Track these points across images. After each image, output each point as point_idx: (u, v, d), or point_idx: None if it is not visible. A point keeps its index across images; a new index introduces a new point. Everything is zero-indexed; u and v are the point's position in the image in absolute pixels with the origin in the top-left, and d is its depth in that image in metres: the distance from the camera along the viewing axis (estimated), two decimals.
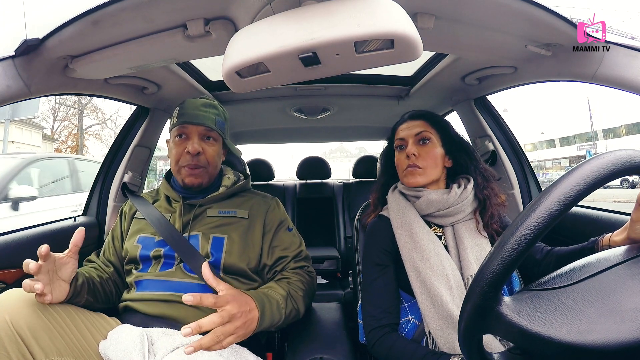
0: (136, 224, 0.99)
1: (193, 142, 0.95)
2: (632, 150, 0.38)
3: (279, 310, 0.80)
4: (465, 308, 0.40)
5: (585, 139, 24.75)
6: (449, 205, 0.87)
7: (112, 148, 1.49)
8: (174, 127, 0.96)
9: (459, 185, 0.90)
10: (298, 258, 0.98)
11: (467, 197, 0.88)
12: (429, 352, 0.73)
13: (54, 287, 0.73)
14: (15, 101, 0.81)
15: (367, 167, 2.42)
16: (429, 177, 0.90)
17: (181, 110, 0.96)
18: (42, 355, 0.64)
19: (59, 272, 0.75)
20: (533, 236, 0.36)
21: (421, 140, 0.92)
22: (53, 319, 0.69)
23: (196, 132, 0.96)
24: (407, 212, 0.89)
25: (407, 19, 0.58)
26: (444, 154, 0.93)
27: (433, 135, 0.92)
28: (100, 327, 0.78)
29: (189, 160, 0.95)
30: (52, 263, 0.73)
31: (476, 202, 0.90)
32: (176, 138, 0.96)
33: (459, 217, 0.88)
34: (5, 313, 0.65)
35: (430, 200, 0.87)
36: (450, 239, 0.87)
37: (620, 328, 0.35)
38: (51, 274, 0.73)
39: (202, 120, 0.95)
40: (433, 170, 0.91)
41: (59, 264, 0.74)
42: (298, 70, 0.67)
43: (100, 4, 0.69)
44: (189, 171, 0.96)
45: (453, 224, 0.88)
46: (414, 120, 0.95)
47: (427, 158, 0.90)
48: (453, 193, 0.87)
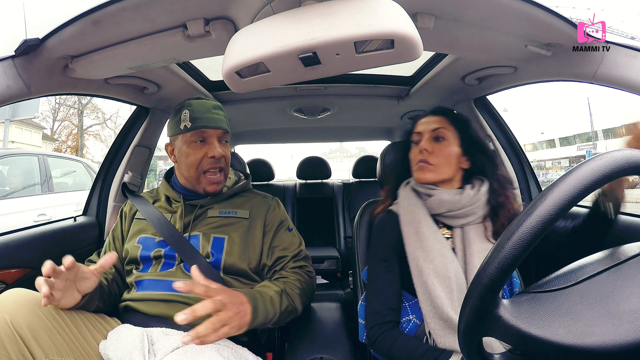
0: (137, 224, 0.99)
1: (215, 147, 0.94)
2: (629, 151, 0.37)
3: (272, 305, 0.80)
4: (464, 311, 0.40)
5: (585, 139, 24.72)
6: (460, 206, 0.85)
7: (112, 148, 1.49)
8: (189, 132, 0.93)
9: (472, 187, 0.88)
10: (297, 258, 0.98)
11: (480, 199, 0.86)
12: (430, 349, 0.73)
13: (66, 294, 0.73)
14: (15, 101, 0.81)
15: (367, 167, 2.42)
16: (440, 175, 0.89)
17: (194, 114, 0.93)
18: (42, 355, 0.64)
19: (78, 283, 0.75)
20: (530, 240, 0.36)
21: (436, 138, 0.90)
22: (53, 319, 0.69)
23: (215, 135, 0.95)
24: (416, 210, 0.88)
25: (407, 19, 0.58)
26: (461, 154, 0.90)
27: (450, 133, 0.90)
28: (100, 327, 0.78)
29: (212, 164, 0.94)
30: (74, 273, 0.74)
31: (488, 207, 0.88)
32: (194, 143, 0.94)
33: (470, 220, 0.86)
34: (5, 313, 0.65)
35: (442, 200, 0.86)
36: (458, 241, 0.85)
37: (618, 330, 0.35)
38: (68, 283, 0.74)
39: (219, 124, 0.95)
40: (445, 169, 0.88)
41: (81, 276, 0.75)
42: (298, 70, 0.67)
43: (100, 4, 0.69)
44: (211, 179, 0.95)
45: (463, 226, 0.86)
46: (434, 115, 0.93)
47: (440, 156, 0.88)
48: (466, 194, 0.86)
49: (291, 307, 0.86)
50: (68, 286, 0.74)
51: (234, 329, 0.68)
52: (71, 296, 0.75)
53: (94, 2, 0.69)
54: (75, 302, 0.75)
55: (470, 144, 0.90)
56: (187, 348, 0.72)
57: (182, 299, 0.85)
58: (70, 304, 0.75)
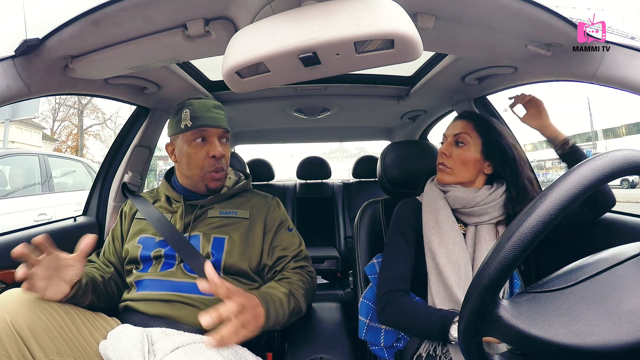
0: (137, 224, 0.98)
1: (216, 146, 0.94)
2: (629, 150, 0.37)
3: (282, 308, 0.80)
4: (464, 311, 0.40)
5: (585, 138, 24.71)
6: (474, 204, 0.89)
7: (112, 148, 1.49)
8: (190, 130, 0.93)
9: (489, 187, 0.91)
10: (298, 258, 0.98)
11: (495, 199, 0.89)
12: (436, 311, 0.77)
13: (51, 284, 0.72)
14: (15, 101, 0.81)
15: (367, 167, 2.42)
16: (457, 178, 0.93)
17: (194, 113, 0.93)
18: (41, 355, 0.64)
19: (62, 272, 0.74)
20: (530, 240, 0.36)
21: (457, 142, 0.94)
22: (53, 318, 0.69)
23: (216, 134, 0.95)
24: (438, 200, 0.93)
25: (407, 19, 0.58)
26: (482, 159, 0.92)
27: (473, 138, 0.93)
28: (100, 327, 0.78)
29: (215, 164, 0.95)
30: (54, 260, 0.72)
31: (505, 213, 0.90)
32: (195, 142, 0.94)
33: (484, 219, 0.89)
34: (5, 313, 0.65)
35: (457, 196, 0.91)
36: (470, 238, 0.90)
37: (618, 330, 0.35)
38: (51, 271, 0.72)
39: (219, 123, 0.95)
40: (462, 173, 0.92)
41: (63, 264, 0.74)
42: (298, 70, 0.67)
43: (100, 4, 0.69)
44: (214, 175, 0.96)
45: (477, 224, 0.90)
46: (460, 120, 0.97)
47: (457, 160, 0.93)
48: (481, 193, 0.90)
49: (297, 308, 0.87)
50: (52, 275, 0.72)
51: (251, 331, 0.68)
52: (57, 286, 0.73)
53: (94, 2, 0.69)
54: (63, 294, 0.74)
55: (491, 149, 0.92)
56: (187, 348, 0.72)
57: (182, 299, 0.85)
58: (57, 295, 0.73)
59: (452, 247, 0.85)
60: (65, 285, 0.75)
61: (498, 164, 0.92)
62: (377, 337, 0.92)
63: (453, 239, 0.86)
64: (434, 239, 0.87)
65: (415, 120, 2.02)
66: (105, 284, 0.91)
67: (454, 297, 0.80)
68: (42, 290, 0.71)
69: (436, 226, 0.89)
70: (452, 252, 0.84)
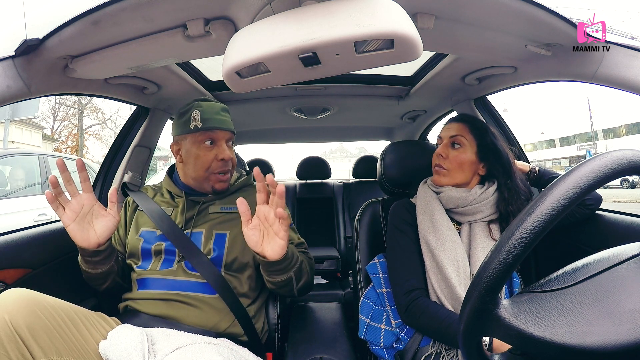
0: (140, 216, 1.00)
1: (224, 149, 0.96)
2: (629, 150, 0.38)
3: (294, 253, 0.83)
4: (464, 311, 0.40)
5: (586, 138, 24.71)
6: (467, 203, 0.91)
7: (112, 148, 1.48)
8: (199, 132, 0.94)
9: (481, 187, 0.93)
10: (299, 248, 0.99)
11: (487, 198, 0.91)
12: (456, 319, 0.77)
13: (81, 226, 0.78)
14: (15, 101, 0.81)
15: (367, 167, 2.42)
16: (453, 180, 0.94)
17: (205, 115, 0.94)
18: (41, 355, 0.64)
19: (95, 220, 0.80)
20: (530, 240, 0.36)
21: (453, 144, 0.95)
22: (52, 318, 0.69)
23: (224, 138, 0.97)
24: (431, 201, 0.95)
25: (407, 19, 0.58)
26: (477, 160, 0.94)
27: (468, 141, 0.94)
28: (100, 327, 0.78)
29: (222, 167, 0.96)
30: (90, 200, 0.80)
31: (497, 212, 0.92)
32: (203, 144, 0.95)
33: (477, 217, 0.92)
34: (4, 313, 0.65)
35: (450, 196, 0.93)
36: (465, 236, 0.92)
37: (618, 330, 0.35)
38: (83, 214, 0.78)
39: (228, 126, 0.97)
40: (458, 174, 0.94)
41: (97, 212, 0.80)
42: (298, 70, 0.67)
43: (100, 4, 0.69)
44: (220, 177, 0.97)
45: (470, 223, 0.93)
46: (455, 122, 0.99)
47: (453, 161, 0.94)
48: (473, 192, 0.92)
49: (305, 269, 0.89)
50: (83, 219, 0.78)
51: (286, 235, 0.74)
52: (86, 232, 0.79)
53: (94, 2, 0.69)
54: (88, 242, 0.79)
55: (486, 151, 0.94)
56: (188, 348, 0.72)
57: (183, 298, 0.85)
58: (82, 238, 0.79)
59: (450, 244, 0.87)
60: (94, 235, 0.80)
61: (492, 165, 0.94)
62: (377, 337, 0.92)
63: (450, 237, 0.88)
64: (431, 238, 0.89)
65: (415, 120, 2.02)
66: (123, 260, 0.95)
67: (455, 294, 0.82)
68: (69, 220, 0.76)
69: (432, 226, 0.90)
70: (450, 250, 0.86)
